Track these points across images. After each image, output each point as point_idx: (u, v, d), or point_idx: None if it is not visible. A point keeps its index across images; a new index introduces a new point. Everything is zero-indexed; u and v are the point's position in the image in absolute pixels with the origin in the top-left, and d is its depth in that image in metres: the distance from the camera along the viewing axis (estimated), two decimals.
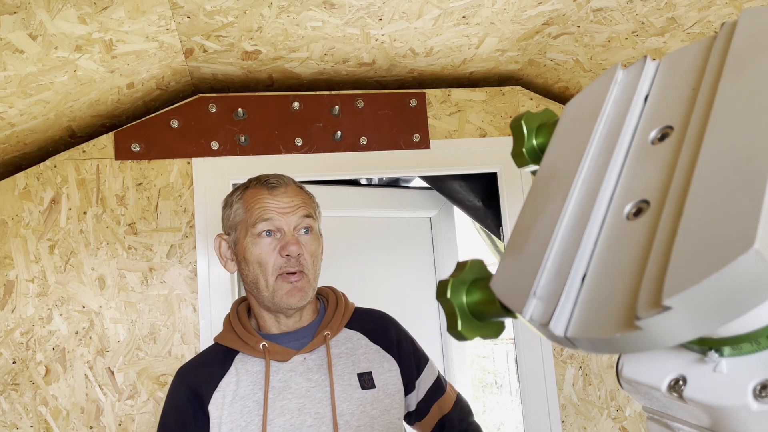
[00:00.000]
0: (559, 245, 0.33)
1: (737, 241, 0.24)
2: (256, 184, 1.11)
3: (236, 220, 1.10)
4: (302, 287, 1.06)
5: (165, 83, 1.52)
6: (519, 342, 1.74)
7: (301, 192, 1.13)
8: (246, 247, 1.07)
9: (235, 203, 1.11)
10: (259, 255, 1.06)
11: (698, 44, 0.36)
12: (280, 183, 1.11)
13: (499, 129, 1.79)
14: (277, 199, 1.08)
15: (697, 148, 0.30)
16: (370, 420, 1.06)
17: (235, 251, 1.11)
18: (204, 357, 1.11)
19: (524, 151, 0.48)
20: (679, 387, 0.32)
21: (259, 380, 1.04)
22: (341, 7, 1.26)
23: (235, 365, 1.06)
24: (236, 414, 1.01)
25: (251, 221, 1.07)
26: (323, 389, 1.05)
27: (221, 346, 1.10)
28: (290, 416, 1.02)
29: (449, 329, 0.40)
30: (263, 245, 1.06)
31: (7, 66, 1.12)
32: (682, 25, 1.33)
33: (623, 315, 0.27)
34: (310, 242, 1.09)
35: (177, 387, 1.07)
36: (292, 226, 1.07)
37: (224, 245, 1.13)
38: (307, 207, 1.11)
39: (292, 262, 1.05)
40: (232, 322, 1.12)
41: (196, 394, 1.03)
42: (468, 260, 0.41)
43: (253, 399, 1.02)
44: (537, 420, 1.70)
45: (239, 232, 1.09)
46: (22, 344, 1.46)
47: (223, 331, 1.13)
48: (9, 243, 1.49)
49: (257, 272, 1.06)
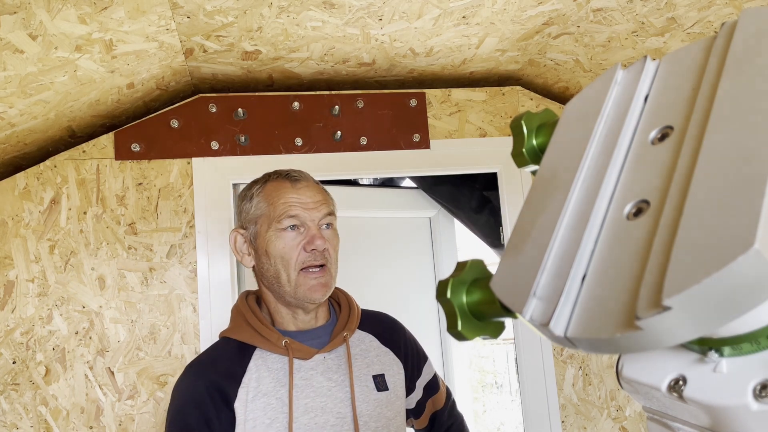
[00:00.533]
0: (559, 245, 0.33)
1: (737, 241, 0.24)
2: (277, 177, 1.10)
3: (257, 213, 1.08)
4: (326, 282, 1.06)
5: (165, 83, 1.52)
6: (519, 342, 1.74)
7: (321, 188, 1.13)
8: (269, 240, 1.05)
9: (255, 196, 1.09)
10: (282, 249, 1.04)
11: (698, 44, 0.36)
12: (302, 177, 1.10)
13: (499, 129, 1.79)
14: (300, 193, 1.07)
15: (697, 148, 0.30)
16: (386, 422, 1.08)
17: (254, 245, 1.09)
18: (216, 353, 1.07)
19: (524, 151, 0.48)
20: (679, 387, 0.32)
21: (280, 377, 1.02)
22: (341, 7, 1.26)
23: (254, 361, 1.03)
24: (259, 411, 0.99)
25: (276, 215, 1.05)
26: (344, 389, 1.05)
27: (233, 341, 1.06)
28: (314, 414, 1.01)
29: (449, 329, 0.40)
30: (287, 239, 1.05)
31: (7, 66, 1.12)
32: (682, 25, 1.33)
33: (623, 315, 0.27)
34: (332, 237, 1.10)
35: (193, 384, 1.02)
36: (316, 221, 1.07)
37: (240, 239, 1.11)
38: (329, 204, 1.11)
39: (316, 256, 1.05)
40: (246, 317, 1.08)
41: (220, 390, 0.99)
42: (468, 260, 0.41)
43: (275, 396, 1.00)
44: (537, 420, 1.70)
45: (260, 225, 1.07)
46: (22, 344, 1.46)
47: (234, 325, 1.09)
48: (9, 243, 1.49)
49: (279, 266, 1.05)
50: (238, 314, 1.10)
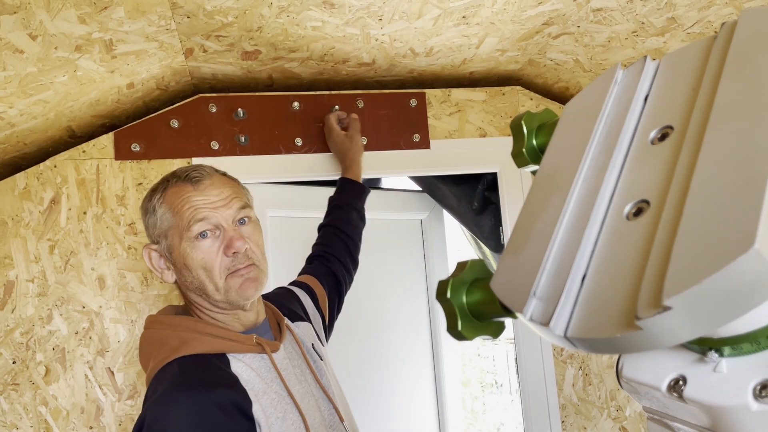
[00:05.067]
0: (559, 245, 0.33)
1: (737, 241, 0.24)
2: (177, 181, 1.00)
3: (164, 226, 0.99)
4: (254, 276, 1.00)
5: (165, 83, 1.52)
6: (519, 342, 1.74)
7: (228, 180, 1.04)
8: (184, 253, 0.97)
9: (158, 208, 1.00)
10: (202, 260, 0.96)
11: (698, 44, 0.36)
12: (204, 175, 1.00)
13: (499, 129, 1.79)
14: (205, 193, 0.98)
15: (697, 148, 0.30)
16: (336, 383, 1.13)
17: (171, 259, 1.00)
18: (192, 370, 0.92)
19: (524, 151, 0.48)
20: (679, 387, 0.32)
21: (264, 374, 0.97)
22: (341, 7, 1.26)
23: (234, 365, 0.95)
24: (269, 409, 0.92)
25: (183, 224, 0.96)
26: (307, 372, 1.06)
27: (196, 356, 0.93)
28: (307, 400, 1.01)
29: (449, 329, 0.40)
30: (204, 248, 0.96)
31: (7, 66, 1.12)
32: (682, 25, 1.33)
33: (623, 315, 0.27)
34: (252, 232, 1.02)
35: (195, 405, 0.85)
36: (230, 220, 0.98)
37: (155, 255, 1.02)
38: (241, 197, 1.02)
39: (240, 259, 0.98)
40: (198, 328, 0.97)
41: (234, 402, 0.88)
42: (468, 260, 0.41)
43: (273, 391, 0.95)
44: (537, 420, 1.70)
45: (171, 238, 0.98)
46: (22, 344, 1.46)
47: (183, 342, 0.95)
48: (9, 243, 1.49)
49: (203, 277, 0.97)
50: (186, 330, 0.97)
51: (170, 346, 0.94)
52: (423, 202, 2.18)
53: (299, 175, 1.67)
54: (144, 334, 1.02)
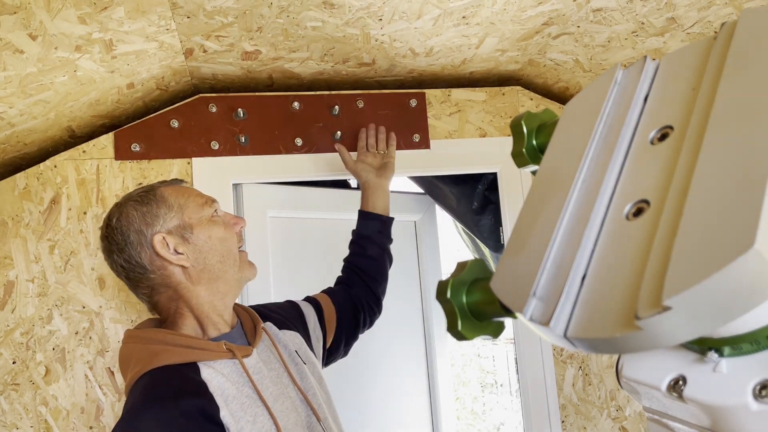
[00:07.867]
0: (559, 245, 0.33)
1: (737, 241, 0.24)
2: (161, 185, 1.09)
3: (181, 209, 1.05)
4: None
5: (165, 83, 1.52)
6: (519, 342, 1.74)
7: None
8: (209, 228, 1.05)
9: (168, 197, 1.05)
10: (223, 232, 1.07)
11: (698, 44, 0.36)
12: (182, 180, 1.14)
13: (499, 129, 1.79)
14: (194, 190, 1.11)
15: (697, 148, 0.30)
16: (318, 387, 1.13)
17: (190, 242, 1.03)
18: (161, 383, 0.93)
19: (524, 151, 0.48)
20: (679, 387, 0.32)
21: (236, 379, 0.97)
22: (341, 7, 1.26)
23: (204, 372, 0.95)
24: (239, 413, 0.94)
25: (197, 205, 1.07)
26: (284, 374, 1.07)
27: (166, 368, 0.94)
28: (281, 402, 1.01)
29: (449, 329, 0.40)
30: (221, 225, 1.08)
31: (7, 66, 1.12)
32: (682, 25, 1.33)
33: (623, 315, 0.27)
34: None
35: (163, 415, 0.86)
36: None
37: (171, 240, 1.02)
38: None
39: (239, 238, 1.11)
40: (167, 340, 0.98)
41: (201, 410, 0.89)
42: (468, 260, 0.41)
43: (244, 395, 0.96)
44: (537, 420, 1.70)
45: (187, 219, 1.04)
46: (22, 344, 1.46)
47: (158, 355, 0.96)
48: (9, 243, 1.49)
49: (224, 251, 1.06)
50: (156, 343, 0.98)
51: (142, 360, 0.96)
52: (417, 203, 2.18)
53: (299, 175, 1.67)
54: (120, 348, 1.03)
